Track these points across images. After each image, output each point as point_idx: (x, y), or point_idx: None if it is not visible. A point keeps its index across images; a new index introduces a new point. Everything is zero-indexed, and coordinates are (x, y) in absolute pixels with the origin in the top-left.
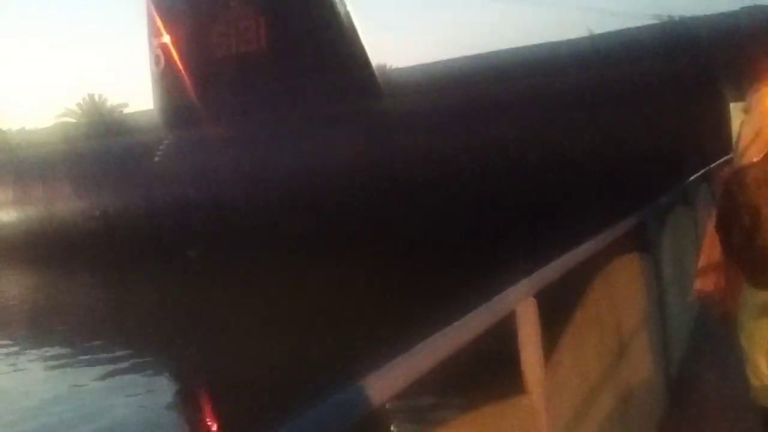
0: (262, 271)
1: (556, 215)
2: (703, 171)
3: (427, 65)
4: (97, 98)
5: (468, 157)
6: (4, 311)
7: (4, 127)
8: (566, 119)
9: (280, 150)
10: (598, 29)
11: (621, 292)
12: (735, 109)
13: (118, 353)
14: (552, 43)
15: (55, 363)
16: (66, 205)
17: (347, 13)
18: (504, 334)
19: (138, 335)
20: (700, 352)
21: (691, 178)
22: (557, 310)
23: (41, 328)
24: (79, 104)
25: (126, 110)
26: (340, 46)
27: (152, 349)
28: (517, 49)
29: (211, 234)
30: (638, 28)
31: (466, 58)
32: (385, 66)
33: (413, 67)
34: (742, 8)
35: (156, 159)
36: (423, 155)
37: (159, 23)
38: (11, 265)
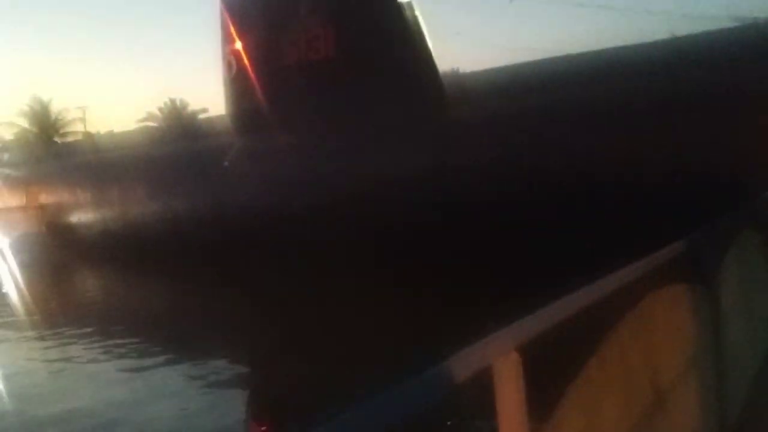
0: (330, 280)
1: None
2: None
3: (499, 69)
4: (177, 103)
5: (543, 165)
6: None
7: (93, 131)
8: (647, 124)
9: (345, 159)
10: (679, 32)
11: (663, 333)
12: None
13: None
14: (634, 46)
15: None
16: (137, 208)
17: (416, 20)
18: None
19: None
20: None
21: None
22: (568, 353)
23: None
24: (160, 108)
25: (205, 115)
26: (408, 55)
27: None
28: (597, 51)
29: (278, 241)
30: (720, 30)
31: (545, 60)
32: (458, 70)
33: (487, 71)
34: None
35: (225, 164)
36: (493, 166)
37: (232, 29)
38: (91, 265)
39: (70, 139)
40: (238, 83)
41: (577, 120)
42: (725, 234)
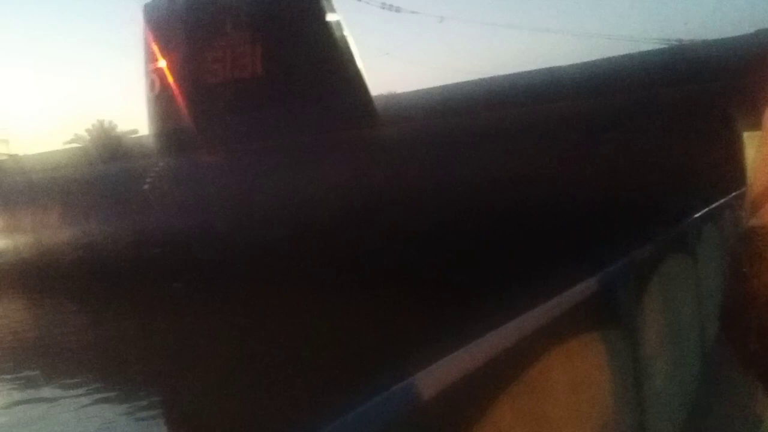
0: (251, 303)
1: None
2: (708, 209)
3: (429, 90)
4: (106, 124)
5: (470, 184)
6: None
7: (20, 152)
8: (570, 146)
9: (275, 178)
10: (606, 54)
11: (584, 376)
12: (749, 139)
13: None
14: (555, 68)
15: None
16: (54, 232)
17: (344, 39)
18: None
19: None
20: None
21: (694, 216)
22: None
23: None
24: (88, 130)
25: (136, 136)
26: (336, 71)
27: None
28: (520, 73)
29: (200, 265)
30: (647, 52)
31: (466, 83)
32: (394, 92)
33: (417, 92)
34: (758, 31)
35: (146, 186)
36: (424, 183)
37: (154, 47)
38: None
39: None
40: (161, 102)
41: (508, 139)
42: (646, 265)
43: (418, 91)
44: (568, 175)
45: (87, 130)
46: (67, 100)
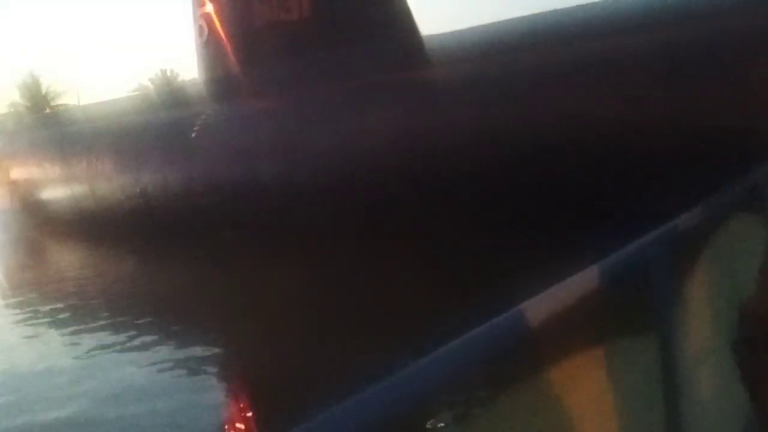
0: (299, 255)
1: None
2: None
3: (484, 26)
4: (168, 73)
5: (528, 126)
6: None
7: (84, 102)
8: (633, 86)
9: (324, 124)
10: None
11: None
12: None
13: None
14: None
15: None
16: (107, 182)
17: None
18: None
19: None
20: None
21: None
22: None
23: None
24: (151, 79)
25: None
26: (384, 11)
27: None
28: (582, 5)
29: (248, 214)
30: None
31: (523, 18)
32: (445, 32)
33: (471, 29)
34: None
35: (193, 134)
36: (478, 126)
37: None
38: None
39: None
40: (210, 48)
41: (566, 80)
42: (697, 234)
43: (472, 28)
44: (640, 118)
45: (150, 80)
46: (134, 50)
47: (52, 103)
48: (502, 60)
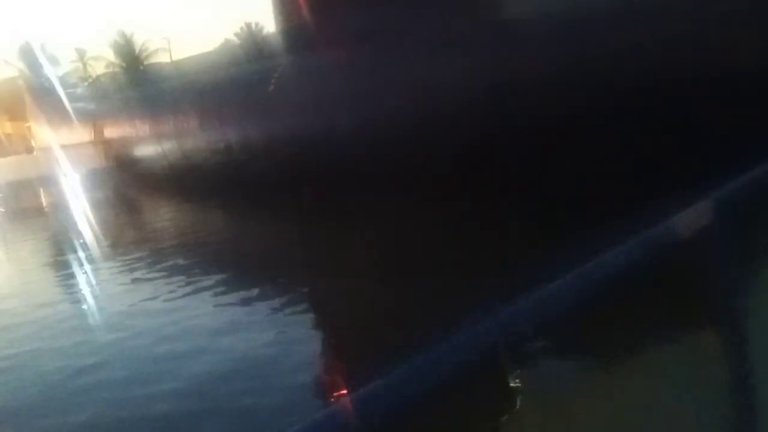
0: (377, 209)
1: None
2: None
3: None
4: (253, 27)
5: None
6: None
7: (176, 59)
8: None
9: (403, 76)
10: None
11: None
12: None
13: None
14: None
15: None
16: (193, 138)
17: None
18: None
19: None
20: None
21: None
22: None
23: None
24: (237, 33)
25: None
26: None
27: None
28: None
29: (327, 169)
30: None
31: None
32: None
33: None
34: None
35: (271, 87)
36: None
37: None
38: (159, 196)
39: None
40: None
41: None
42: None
43: None
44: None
45: (236, 34)
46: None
47: (146, 62)
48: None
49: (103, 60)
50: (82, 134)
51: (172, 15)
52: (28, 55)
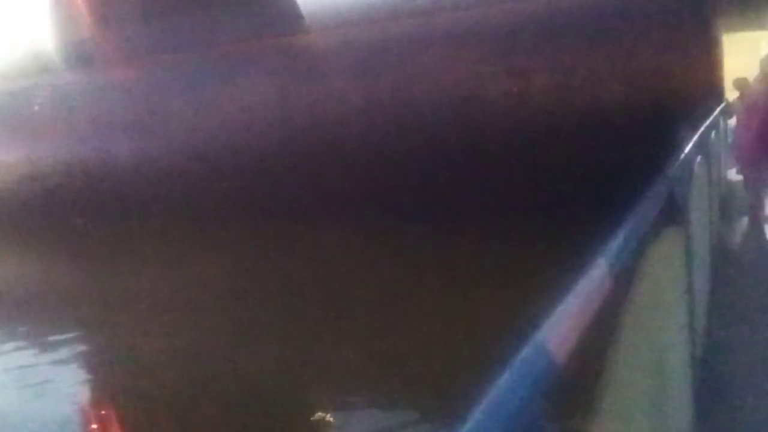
0: (157, 244)
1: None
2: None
3: None
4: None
5: (402, 97)
6: None
7: None
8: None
9: (189, 95)
10: None
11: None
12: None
13: None
14: None
15: None
16: None
17: None
18: None
19: None
20: None
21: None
22: None
23: None
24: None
25: None
26: None
27: None
28: None
29: (103, 198)
30: None
31: None
32: None
33: None
34: None
35: (36, 108)
36: (355, 96)
37: None
38: None
39: None
40: (62, 9)
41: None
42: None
43: None
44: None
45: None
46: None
47: None
48: (384, 27)
49: None
50: None
51: None
52: None
